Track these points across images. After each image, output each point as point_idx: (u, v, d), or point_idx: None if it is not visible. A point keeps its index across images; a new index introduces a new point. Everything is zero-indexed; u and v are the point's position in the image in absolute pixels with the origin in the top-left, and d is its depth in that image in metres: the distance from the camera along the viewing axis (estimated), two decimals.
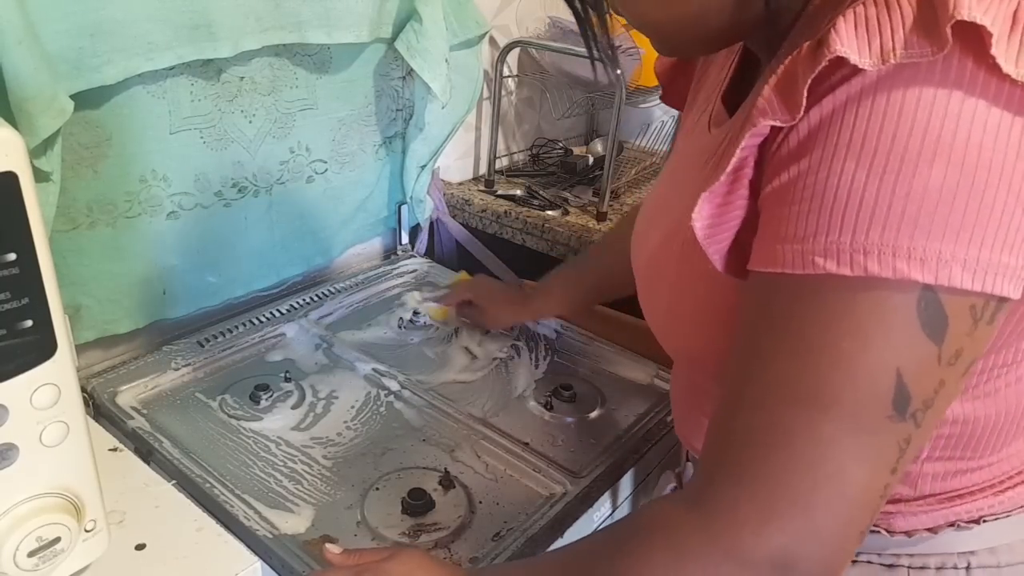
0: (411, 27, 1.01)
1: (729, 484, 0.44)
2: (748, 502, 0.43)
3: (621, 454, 0.83)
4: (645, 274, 0.62)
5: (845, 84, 0.39)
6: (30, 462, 0.47)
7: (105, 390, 0.87)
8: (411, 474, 0.79)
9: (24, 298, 0.44)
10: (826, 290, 0.41)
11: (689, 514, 0.46)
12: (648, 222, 0.64)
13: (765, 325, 0.44)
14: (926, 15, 0.37)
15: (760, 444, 0.43)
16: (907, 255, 0.38)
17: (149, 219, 0.91)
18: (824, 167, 0.40)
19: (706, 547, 0.44)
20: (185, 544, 0.59)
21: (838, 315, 0.41)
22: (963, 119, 0.37)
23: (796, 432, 0.42)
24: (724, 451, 0.46)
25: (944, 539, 0.54)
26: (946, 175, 0.38)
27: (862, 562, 0.56)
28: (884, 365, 0.40)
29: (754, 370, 0.44)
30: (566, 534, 0.72)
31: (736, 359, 0.47)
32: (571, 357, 1.03)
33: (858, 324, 0.40)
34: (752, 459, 0.43)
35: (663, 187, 0.64)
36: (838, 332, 0.41)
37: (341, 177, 1.12)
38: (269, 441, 0.83)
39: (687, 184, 0.57)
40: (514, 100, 1.46)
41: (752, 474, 0.43)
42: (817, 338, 0.41)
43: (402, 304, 1.12)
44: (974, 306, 0.40)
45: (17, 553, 0.48)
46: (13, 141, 0.41)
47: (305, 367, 0.96)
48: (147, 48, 0.78)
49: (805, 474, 0.42)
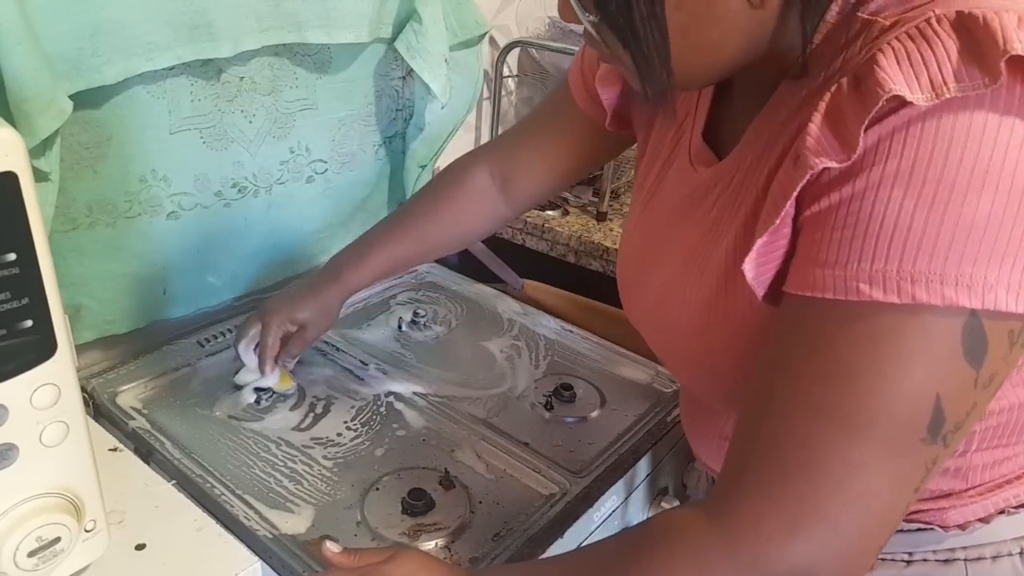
0: (411, 27, 1.01)
1: (755, 497, 0.45)
2: (774, 516, 0.44)
3: (621, 454, 0.83)
4: (653, 318, 0.63)
5: (892, 115, 0.40)
6: (30, 462, 0.47)
7: (105, 390, 0.87)
8: (411, 474, 0.79)
9: (24, 298, 0.44)
10: (869, 316, 0.41)
11: (711, 525, 0.46)
12: (642, 266, 0.64)
13: (800, 347, 0.44)
14: (971, 47, 0.38)
15: (789, 461, 0.44)
16: (955, 282, 0.39)
17: (149, 219, 0.91)
18: (870, 195, 0.40)
19: (728, 559, 0.45)
20: (185, 544, 0.59)
21: (881, 341, 0.41)
22: (1011, 147, 0.38)
23: (828, 452, 0.43)
24: (749, 465, 0.46)
25: (996, 527, 0.55)
26: (993, 203, 0.38)
27: (918, 560, 0.57)
28: (924, 391, 0.41)
29: (785, 389, 0.45)
30: (566, 534, 0.72)
31: (764, 376, 0.47)
32: (571, 357, 1.03)
33: (901, 350, 0.41)
34: (780, 475, 0.44)
35: (649, 229, 0.64)
36: (880, 358, 0.41)
37: (341, 177, 1.12)
38: (269, 441, 0.83)
39: (689, 225, 0.57)
40: (514, 100, 1.46)
41: (780, 489, 0.44)
42: (857, 363, 0.42)
43: (402, 304, 1.12)
44: (1012, 330, 0.41)
45: (17, 553, 0.48)
46: (13, 141, 0.41)
47: (305, 367, 0.96)
48: (147, 48, 0.78)
49: (834, 493, 0.42)
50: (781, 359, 0.46)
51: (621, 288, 0.68)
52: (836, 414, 0.42)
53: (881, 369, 0.41)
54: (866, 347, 0.41)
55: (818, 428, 0.43)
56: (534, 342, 1.05)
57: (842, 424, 0.42)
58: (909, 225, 0.39)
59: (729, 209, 0.53)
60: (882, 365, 0.41)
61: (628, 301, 0.67)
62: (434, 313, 1.11)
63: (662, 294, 0.60)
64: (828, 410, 0.43)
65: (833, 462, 0.42)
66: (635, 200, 0.68)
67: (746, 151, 0.53)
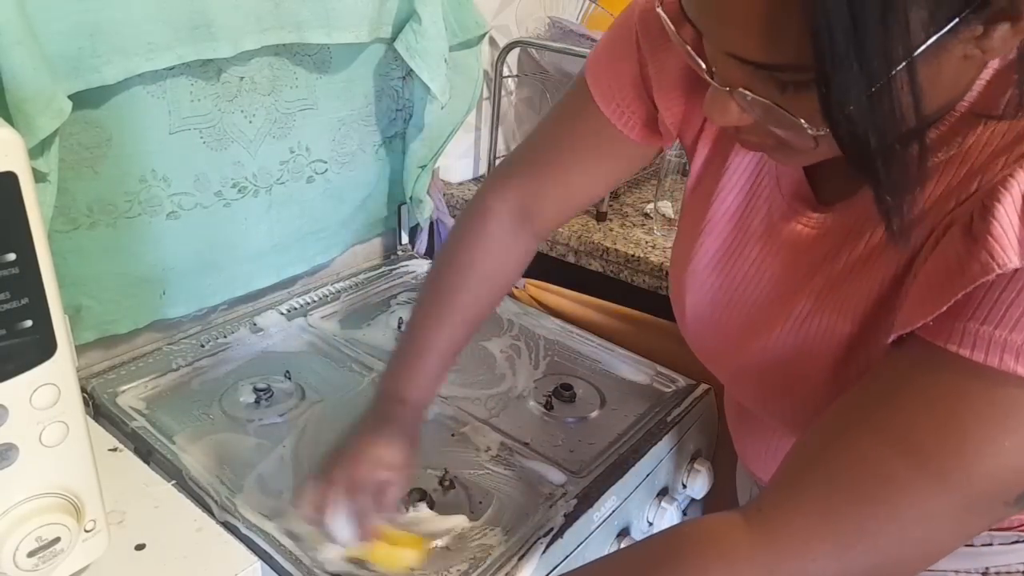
0: (411, 27, 1.01)
1: (812, 517, 0.44)
2: (827, 540, 0.43)
3: (621, 454, 0.83)
4: (728, 345, 0.61)
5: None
6: (30, 462, 0.47)
7: (105, 390, 0.87)
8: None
9: (24, 298, 0.43)
10: (1002, 385, 0.40)
11: (751, 535, 0.46)
12: (721, 293, 0.61)
13: (911, 388, 0.43)
14: None
15: (862, 492, 0.43)
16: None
17: (149, 219, 0.91)
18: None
19: (765, 570, 0.44)
20: (185, 544, 0.59)
21: (1008, 414, 0.40)
22: None
23: (907, 495, 0.42)
24: (812, 485, 0.45)
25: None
26: None
27: (1016, 573, 0.57)
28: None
29: (878, 421, 0.44)
30: (566, 534, 0.72)
31: (855, 402, 0.46)
32: (571, 357, 1.03)
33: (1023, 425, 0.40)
34: (847, 503, 0.43)
35: (731, 256, 0.61)
36: (1001, 429, 0.40)
37: (341, 177, 1.12)
38: (270, 441, 0.83)
39: (799, 277, 0.55)
40: (514, 100, 1.46)
41: (843, 517, 0.43)
42: (972, 424, 0.41)
43: (402, 304, 1.12)
44: None
45: (17, 553, 0.48)
46: (13, 141, 0.41)
47: (305, 367, 0.96)
48: (147, 48, 0.78)
49: (898, 532, 0.42)
50: (881, 392, 0.45)
51: (689, 308, 0.64)
52: (930, 463, 0.41)
53: (996, 438, 0.40)
54: (989, 414, 0.40)
55: (904, 470, 0.42)
56: (534, 342, 1.05)
57: (934, 475, 0.41)
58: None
59: (865, 254, 0.51)
60: (1000, 435, 0.40)
61: (696, 327, 0.64)
62: None
63: (749, 326, 0.59)
64: (922, 457, 0.42)
65: (908, 504, 0.42)
66: (699, 221, 0.63)
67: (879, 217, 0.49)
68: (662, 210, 1.23)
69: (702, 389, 0.96)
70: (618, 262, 1.15)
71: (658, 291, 1.11)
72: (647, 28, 0.61)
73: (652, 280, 1.12)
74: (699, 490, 0.93)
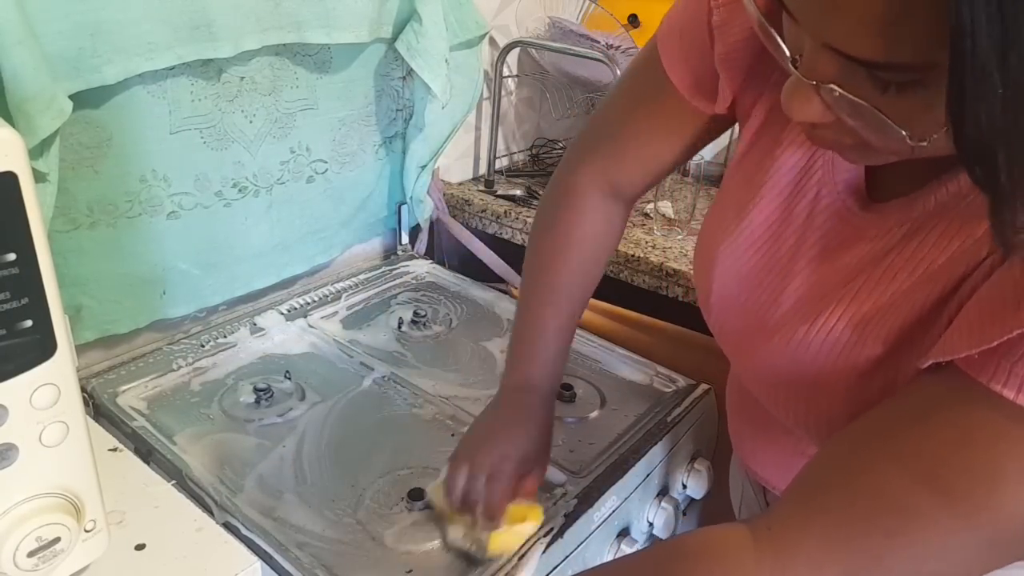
0: (411, 27, 1.01)
1: (823, 540, 0.43)
2: (838, 565, 0.42)
3: (621, 454, 0.83)
4: (770, 365, 0.58)
5: None
6: (30, 462, 0.47)
7: (105, 390, 0.87)
8: (411, 474, 0.79)
9: (24, 298, 0.43)
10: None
11: (759, 551, 0.44)
12: (760, 290, 0.59)
13: (940, 420, 0.42)
14: None
15: (876, 520, 0.42)
16: None
17: (149, 219, 0.91)
18: None
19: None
20: (185, 544, 0.59)
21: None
22: None
23: (928, 529, 0.41)
24: (827, 508, 0.44)
25: None
26: None
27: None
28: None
29: (903, 449, 0.42)
30: (566, 534, 0.72)
31: (879, 424, 0.45)
32: (571, 357, 1.03)
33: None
34: (863, 531, 0.42)
35: (772, 252, 0.58)
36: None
37: (341, 177, 1.12)
38: (270, 441, 0.83)
39: (836, 280, 0.52)
40: (514, 100, 1.46)
41: (858, 545, 0.42)
42: (1007, 465, 0.39)
43: (402, 304, 1.12)
44: None
45: (17, 553, 0.48)
46: (13, 141, 0.41)
47: (305, 367, 0.96)
48: (147, 48, 0.78)
49: (911, 563, 0.41)
50: (914, 421, 0.43)
51: (717, 285, 0.62)
52: (958, 503, 0.40)
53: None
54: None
55: (929, 506, 0.41)
56: None
57: (960, 512, 0.40)
58: None
59: (909, 268, 0.49)
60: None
61: (721, 306, 0.62)
62: (434, 313, 1.11)
63: (775, 317, 0.56)
64: (951, 496, 0.40)
65: (928, 539, 0.41)
66: (751, 193, 0.59)
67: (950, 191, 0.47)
68: (662, 210, 1.23)
69: (702, 389, 0.96)
70: (618, 262, 1.15)
71: (658, 291, 1.11)
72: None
73: (652, 280, 1.12)
74: (699, 490, 0.93)
